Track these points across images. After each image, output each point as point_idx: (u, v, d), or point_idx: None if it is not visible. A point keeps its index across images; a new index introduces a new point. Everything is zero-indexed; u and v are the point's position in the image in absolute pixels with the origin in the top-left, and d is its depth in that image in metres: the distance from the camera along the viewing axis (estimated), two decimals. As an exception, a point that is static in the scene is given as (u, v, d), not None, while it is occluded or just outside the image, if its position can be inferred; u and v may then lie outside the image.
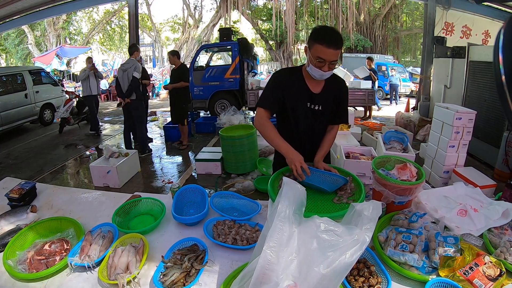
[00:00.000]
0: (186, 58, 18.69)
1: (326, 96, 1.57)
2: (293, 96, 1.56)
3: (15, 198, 1.62)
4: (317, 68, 1.41)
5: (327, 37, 1.37)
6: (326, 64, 1.39)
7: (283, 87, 1.56)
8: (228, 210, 1.57)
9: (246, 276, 0.92)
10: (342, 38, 1.42)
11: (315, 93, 1.56)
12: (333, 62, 1.40)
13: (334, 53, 1.37)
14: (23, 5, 7.00)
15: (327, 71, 1.42)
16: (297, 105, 1.57)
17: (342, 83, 1.65)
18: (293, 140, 1.61)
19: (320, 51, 1.37)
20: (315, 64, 1.41)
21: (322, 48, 1.36)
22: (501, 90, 0.55)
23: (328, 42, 1.35)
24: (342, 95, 1.63)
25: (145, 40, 24.89)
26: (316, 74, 1.44)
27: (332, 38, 1.37)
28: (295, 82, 1.56)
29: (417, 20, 20.55)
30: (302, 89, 1.55)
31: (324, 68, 1.41)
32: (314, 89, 1.56)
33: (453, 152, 3.64)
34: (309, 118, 1.59)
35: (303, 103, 1.56)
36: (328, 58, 1.38)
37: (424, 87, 7.33)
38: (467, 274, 1.02)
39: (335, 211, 1.28)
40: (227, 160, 4.29)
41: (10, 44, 19.01)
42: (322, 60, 1.38)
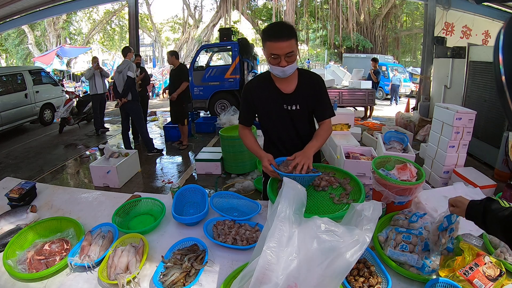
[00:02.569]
0: (186, 58, 18.70)
1: (300, 94, 1.53)
2: (266, 102, 1.56)
3: (15, 198, 1.62)
4: (275, 65, 1.37)
5: (272, 31, 1.34)
6: (281, 58, 1.34)
7: (253, 98, 1.57)
8: (228, 210, 1.57)
9: (246, 276, 0.92)
10: (292, 27, 1.37)
11: (288, 93, 1.52)
12: (289, 55, 1.34)
13: (285, 44, 1.32)
14: (23, 5, 7.01)
15: (286, 66, 1.36)
16: (272, 110, 1.57)
17: (316, 78, 1.58)
18: (280, 145, 1.65)
19: (270, 47, 1.34)
20: (271, 62, 1.38)
21: (272, 44, 1.33)
22: (501, 90, 0.54)
23: (275, 36, 1.32)
24: (318, 89, 1.55)
25: (145, 40, 24.94)
26: (278, 71, 1.40)
27: (278, 30, 1.33)
28: (265, 89, 1.54)
29: (417, 20, 20.55)
30: (274, 92, 1.53)
31: (282, 63, 1.35)
32: (286, 89, 1.52)
33: (453, 152, 3.64)
34: (288, 119, 1.56)
35: (278, 106, 1.54)
36: (280, 52, 1.33)
37: (424, 87, 7.33)
38: (467, 274, 1.02)
39: (335, 211, 1.28)
40: (227, 160, 4.29)
41: (10, 44, 19.02)
42: (276, 56, 1.34)
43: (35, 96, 7.47)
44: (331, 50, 21.06)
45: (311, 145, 1.47)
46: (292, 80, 1.51)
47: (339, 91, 8.03)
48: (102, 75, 6.43)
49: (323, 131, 1.56)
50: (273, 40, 1.32)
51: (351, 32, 17.38)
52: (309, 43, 21.94)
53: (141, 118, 5.11)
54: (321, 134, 1.54)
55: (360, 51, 18.07)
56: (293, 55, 1.36)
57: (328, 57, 21.67)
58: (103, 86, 6.46)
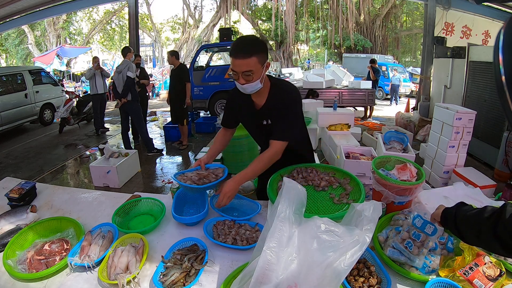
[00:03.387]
0: (186, 58, 18.70)
1: (268, 109, 1.46)
2: (243, 115, 1.57)
3: (15, 198, 1.62)
4: (237, 81, 1.34)
5: (233, 47, 1.30)
6: (239, 75, 1.30)
7: (235, 107, 1.58)
8: (228, 210, 1.57)
9: (246, 276, 0.92)
10: (257, 45, 1.30)
11: (259, 109, 1.49)
12: (246, 73, 1.29)
13: (242, 62, 1.27)
14: (23, 5, 7.00)
15: (244, 84, 1.31)
16: (248, 124, 1.59)
17: (287, 92, 1.44)
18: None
19: (231, 63, 1.31)
20: (233, 77, 1.34)
21: (232, 60, 1.30)
22: (501, 90, 0.54)
23: (234, 53, 1.28)
24: (283, 106, 1.41)
25: (145, 40, 24.93)
26: (239, 88, 1.36)
27: (238, 47, 1.28)
28: (243, 101, 1.51)
29: (417, 20, 20.56)
30: (249, 105, 1.50)
31: (240, 81, 1.31)
32: (259, 103, 1.48)
33: (453, 152, 3.64)
34: (263, 134, 1.53)
35: (253, 119, 1.54)
36: (237, 69, 1.29)
37: (424, 87, 7.33)
38: (467, 274, 1.02)
39: (335, 211, 1.28)
40: (227, 160, 4.29)
41: (10, 44, 19.02)
42: (235, 72, 1.31)
43: (35, 96, 7.47)
44: (331, 50, 21.07)
45: (242, 174, 1.39)
46: (263, 94, 1.45)
47: (339, 91, 8.03)
48: (103, 75, 6.43)
49: (266, 154, 1.40)
50: (233, 56, 1.29)
51: (351, 32, 17.39)
52: (309, 43, 21.94)
53: (140, 118, 5.11)
54: (261, 159, 1.40)
55: (360, 51, 18.07)
56: (252, 75, 1.30)
57: (328, 57, 21.68)
58: (103, 86, 6.46)
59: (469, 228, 0.89)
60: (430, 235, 1.10)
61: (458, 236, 0.96)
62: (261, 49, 1.32)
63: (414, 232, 1.12)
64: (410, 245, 1.09)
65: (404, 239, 1.11)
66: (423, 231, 1.11)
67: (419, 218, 1.14)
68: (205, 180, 1.38)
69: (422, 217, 1.14)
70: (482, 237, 0.84)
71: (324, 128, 4.96)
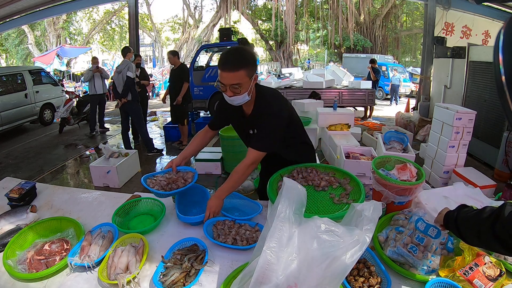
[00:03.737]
0: (186, 58, 18.70)
1: (254, 118, 1.47)
2: (234, 120, 1.58)
3: (15, 198, 1.62)
4: (224, 93, 1.35)
5: (221, 60, 1.30)
6: (227, 88, 1.31)
7: (227, 114, 1.59)
8: (229, 210, 1.58)
9: (246, 276, 0.92)
10: (245, 58, 1.30)
11: (246, 117, 1.51)
12: (234, 86, 1.29)
13: (229, 75, 1.27)
14: (23, 5, 7.01)
15: (232, 96, 1.32)
16: (238, 130, 1.61)
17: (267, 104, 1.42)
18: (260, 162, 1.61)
19: (219, 75, 1.31)
20: (221, 90, 1.35)
21: (220, 72, 1.30)
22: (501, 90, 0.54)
23: (221, 65, 1.28)
24: (263, 116, 1.41)
25: (145, 40, 24.94)
26: (226, 99, 1.37)
27: (226, 59, 1.29)
28: (235, 110, 1.52)
29: (417, 20, 20.56)
30: (239, 113, 1.52)
31: (228, 93, 1.31)
32: (247, 112, 1.50)
33: (453, 152, 3.64)
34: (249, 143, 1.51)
35: (242, 127, 1.55)
36: (225, 82, 1.30)
37: (424, 87, 7.33)
38: (467, 274, 1.02)
39: (335, 211, 1.28)
40: (227, 160, 4.29)
41: (11, 44, 19.02)
42: (223, 85, 1.31)
43: (35, 96, 7.47)
44: (331, 50, 21.07)
45: (222, 188, 1.41)
46: (251, 103, 1.46)
47: (339, 91, 8.03)
48: (102, 76, 6.44)
49: (241, 165, 1.40)
50: (220, 68, 1.29)
51: (350, 32, 17.39)
52: (309, 43, 21.95)
53: (141, 118, 5.11)
54: (236, 171, 1.41)
55: (359, 51, 18.07)
56: (239, 88, 1.30)
57: (328, 57, 21.68)
58: (102, 86, 6.48)
59: (469, 229, 0.90)
60: (433, 238, 1.10)
61: (460, 238, 0.97)
62: (250, 62, 1.31)
63: (418, 236, 1.12)
64: (414, 249, 1.09)
65: (407, 244, 1.11)
66: (426, 234, 1.11)
67: (421, 222, 1.14)
68: (173, 186, 1.38)
69: (424, 220, 1.14)
70: (482, 237, 0.85)
71: (324, 128, 4.96)
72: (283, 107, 1.45)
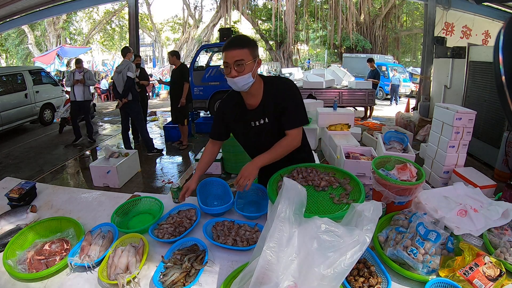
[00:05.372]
0: (186, 58, 18.70)
1: (267, 106, 1.46)
2: (236, 122, 1.55)
3: (15, 198, 1.62)
4: (227, 76, 1.35)
5: (227, 42, 1.35)
6: (231, 67, 1.32)
7: (225, 117, 1.56)
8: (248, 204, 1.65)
9: (246, 276, 0.92)
10: (249, 40, 1.38)
11: (253, 109, 1.49)
12: (238, 63, 1.31)
13: (234, 53, 1.31)
14: (23, 5, 7.01)
15: (236, 76, 1.33)
16: (242, 128, 1.55)
17: (280, 83, 1.48)
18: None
19: (223, 57, 1.35)
20: (224, 72, 1.36)
21: (224, 54, 1.34)
22: (501, 90, 0.55)
23: (226, 46, 1.33)
24: (283, 95, 1.44)
25: (145, 40, 24.93)
26: (230, 83, 1.37)
27: (231, 41, 1.34)
28: (235, 108, 1.52)
29: (417, 20, 20.56)
30: (242, 111, 1.51)
31: (232, 73, 1.33)
32: (252, 104, 1.49)
33: (453, 152, 3.64)
34: (258, 136, 1.52)
35: (247, 124, 1.51)
36: (230, 60, 1.32)
37: (424, 87, 7.33)
38: (467, 274, 1.02)
39: (335, 211, 1.28)
40: (227, 160, 4.29)
41: (10, 44, 19.02)
42: (227, 64, 1.33)
43: (35, 96, 7.47)
44: (331, 50, 21.07)
45: (261, 157, 1.41)
46: (257, 93, 1.45)
47: (339, 91, 8.03)
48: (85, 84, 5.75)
49: (285, 141, 1.44)
50: (226, 49, 1.33)
51: (350, 32, 17.39)
52: (309, 43, 21.95)
53: (141, 118, 5.11)
54: (279, 145, 1.43)
55: (359, 51, 18.07)
56: (243, 65, 1.32)
57: (328, 57, 21.68)
58: (84, 93, 5.72)
59: None
60: (433, 242, 1.11)
61: None
62: (253, 44, 1.37)
63: (418, 239, 1.12)
64: (415, 252, 1.09)
65: (407, 247, 1.11)
66: (426, 238, 1.12)
67: (422, 227, 1.14)
68: (181, 229, 1.37)
69: (425, 226, 1.14)
70: None
71: (324, 128, 4.96)
72: (295, 85, 1.51)
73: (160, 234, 1.34)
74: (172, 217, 1.45)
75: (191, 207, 1.54)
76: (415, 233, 1.15)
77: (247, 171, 1.38)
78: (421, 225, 1.16)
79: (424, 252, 1.10)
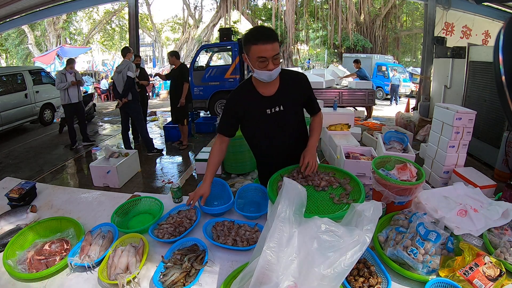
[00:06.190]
0: (186, 58, 18.70)
1: (284, 94, 1.51)
2: (250, 109, 1.53)
3: (15, 198, 1.62)
4: (262, 69, 1.36)
5: (259, 34, 1.33)
6: (269, 61, 1.34)
7: (236, 109, 1.54)
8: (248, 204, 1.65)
9: (246, 276, 0.92)
10: (274, 31, 1.40)
11: (270, 96, 1.50)
12: (275, 57, 1.35)
13: (272, 47, 1.33)
14: (23, 5, 7.00)
15: (273, 69, 1.36)
16: (256, 116, 1.53)
17: (300, 75, 1.58)
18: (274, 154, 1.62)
19: (258, 50, 1.32)
20: (258, 66, 1.35)
21: (259, 47, 1.32)
22: (501, 90, 0.55)
23: (263, 39, 1.32)
24: (305, 86, 1.57)
25: (145, 40, 24.93)
26: (264, 76, 1.38)
27: (265, 33, 1.34)
28: (248, 96, 1.51)
29: (417, 20, 20.56)
30: (256, 98, 1.51)
31: (269, 66, 1.35)
32: (268, 92, 1.50)
33: (453, 152, 3.64)
34: (273, 123, 1.53)
35: (261, 111, 1.51)
36: (268, 54, 1.33)
37: (424, 87, 7.33)
38: (467, 274, 1.02)
39: (335, 211, 1.28)
40: (227, 160, 4.29)
41: (10, 44, 19.02)
42: (264, 58, 1.33)
43: (35, 96, 7.47)
44: (331, 50, 21.06)
45: (313, 142, 1.56)
46: (274, 82, 1.47)
47: (339, 91, 8.03)
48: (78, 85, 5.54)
49: (318, 124, 1.67)
50: (261, 42, 1.31)
51: (350, 32, 17.39)
52: (309, 43, 21.93)
53: (141, 118, 5.11)
54: (316, 128, 1.65)
55: (359, 51, 18.07)
56: (279, 57, 1.37)
57: (328, 57, 21.66)
58: (78, 94, 5.49)
59: None
60: (433, 242, 1.11)
61: None
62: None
63: (418, 240, 1.12)
64: (415, 252, 1.09)
65: (407, 247, 1.11)
66: (426, 238, 1.12)
67: (422, 227, 1.14)
68: (181, 229, 1.37)
69: (425, 226, 1.14)
70: None
71: (324, 128, 4.96)
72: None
73: (160, 234, 1.34)
74: (172, 217, 1.45)
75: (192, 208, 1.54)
76: (415, 233, 1.15)
77: (310, 153, 1.49)
78: (421, 225, 1.16)
79: (424, 252, 1.10)
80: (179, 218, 1.44)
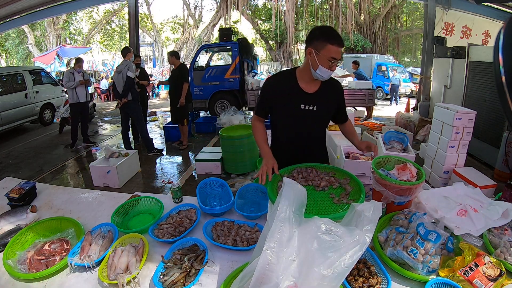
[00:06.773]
0: (186, 58, 18.69)
1: (321, 96, 1.58)
2: (283, 99, 1.58)
3: (15, 198, 1.62)
4: (328, 68, 1.44)
5: (337, 37, 1.42)
6: (336, 63, 1.45)
7: (272, 94, 1.60)
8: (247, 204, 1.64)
9: (246, 276, 0.92)
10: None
11: (310, 93, 1.57)
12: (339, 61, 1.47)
13: (341, 52, 1.46)
14: (23, 5, 7.00)
15: (334, 70, 1.48)
16: (288, 108, 1.59)
17: (338, 84, 1.69)
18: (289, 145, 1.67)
19: (334, 51, 1.41)
20: (327, 65, 1.43)
21: (335, 48, 1.40)
22: (501, 90, 0.55)
23: (339, 42, 1.41)
24: (341, 95, 1.69)
25: (145, 40, 24.92)
26: (325, 74, 1.47)
27: (339, 37, 1.44)
28: (287, 85, 1.58)
29: (417, 20, 20.55)
30: (295, 91, 1.56)
31: (333, 67, 1.45)
32: (309, 89, 1.57)
33: (453, 152, 3.64)
34: (302, 119, 1.59)
35: (296, 104, 1.57)
36: (338, 56, 1.43)
37: (424, 87, 7.33)
38: (467, 274, 1.02)
39: (335, 211, 1.28)
40: (227, 160, 4.29)
41: (10, 44, 19.02)
42: (335, 60, 1.42)
43: (35, 96, 7.46)
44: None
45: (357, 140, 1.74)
46: (316, 81, 1.57)
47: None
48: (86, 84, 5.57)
49: (352, 127, 1.81)
50: (337, 45, 1.41)
51: (350, 33, 17.38)
52: (309, 43, 21.90)
53: (141, 118, 5.11)
54: (354, 132, 1.79)
55: (359, 51, 18.07)
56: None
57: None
58: (86, 94, 5.53)
59: None
60: (433, 242, 1.11)
61: None
62: None
63: (418, 240, 1.12)
64: (415, 252, 1.09)
65: (407, 247, 1.11)
66: (426, 239, 1.12)
67: (422, 227, 1.15)
68: (181, 229, 1.37)
69: (425, 226, 1.14)
70: None
71: (324, 128, 4.95)
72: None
73: (160, 234, 1.34)
74: (172, 217, 1.45)
75: (191, 207, 1.54)
76: (415, 234, 1.15)
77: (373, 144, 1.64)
78: (421, 225, 1.16)
79: (424, 252, 1.10)
80: (179, 218, 1.44)
